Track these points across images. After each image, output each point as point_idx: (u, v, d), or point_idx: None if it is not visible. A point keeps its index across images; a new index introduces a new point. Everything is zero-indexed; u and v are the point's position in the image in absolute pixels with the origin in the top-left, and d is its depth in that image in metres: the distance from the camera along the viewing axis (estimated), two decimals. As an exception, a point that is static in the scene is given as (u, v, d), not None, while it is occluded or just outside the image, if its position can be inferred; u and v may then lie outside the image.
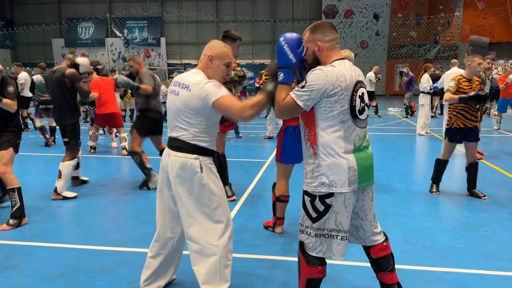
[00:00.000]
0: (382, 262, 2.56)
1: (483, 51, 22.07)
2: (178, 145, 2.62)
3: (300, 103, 2.28)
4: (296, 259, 3.47)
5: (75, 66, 5.29)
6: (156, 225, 2.85)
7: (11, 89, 4.15)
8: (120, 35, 30.36)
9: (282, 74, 2.37)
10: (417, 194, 5.44)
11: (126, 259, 3.51)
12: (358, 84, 2.34)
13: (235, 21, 27.77)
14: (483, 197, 5.19)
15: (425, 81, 10.43)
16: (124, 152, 7.92)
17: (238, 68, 5.03)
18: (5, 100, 4.09)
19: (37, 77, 9.35)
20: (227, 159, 5.07)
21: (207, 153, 2.63)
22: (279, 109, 2.39)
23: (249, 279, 3.17)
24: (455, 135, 5.20)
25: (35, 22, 29.37)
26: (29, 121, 11.41)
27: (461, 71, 8.98)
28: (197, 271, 2.65)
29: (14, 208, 4.21)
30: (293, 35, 2.37)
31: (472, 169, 5.28)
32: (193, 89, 2.55)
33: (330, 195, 2.31)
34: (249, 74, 11.73)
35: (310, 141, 2.36)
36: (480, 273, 3.28)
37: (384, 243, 2.56)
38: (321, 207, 2.34)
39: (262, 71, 11.82)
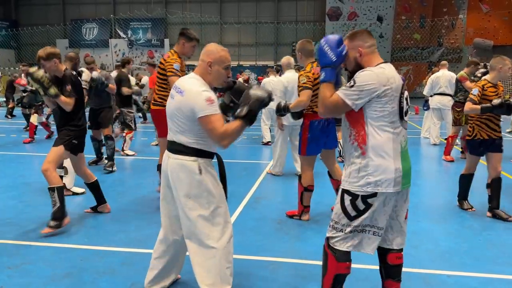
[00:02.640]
0: (395, 270, 2.58)
1: (487, 54, 22.03)
2: (176, 148, 2.62)
3: (349, 102, 2.31)
4: (299, 260, 3.49)
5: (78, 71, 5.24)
6: (160, 227, 2.86)
7: (68, 87, 4.09)
8: (124, 36, 30.46)
9: (323, 73, 2.43)
10: (420, 197, 5.42)
11: (130, 260, 3.52)
12: (404, 86, 2.41)
13: (239, 23, 27.79)
14: (509, 219, 4.48)
15: (429, 85, 10.36)
16: None
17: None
18: (62, 98, 4.05)
19: None
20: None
21: (205, 155, 2.61)
22: (325, 106, 2.41)
23: (251, 280, 3.17)
24: (477, 147, 4.60)
25: (39, 23, 29.51)
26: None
27: (451, 74, 8.91)
28: (197, 272, 2.65)
29: (55, 209, 4.01)
30: (334, 35, 2.44)
31: (495, 185, 4.57)
32: (186, 96, 2.53)
33: (374, 195, 2.34)
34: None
35: (358, 141, 2.37)
36: (484, 276, 3.27)
37: (401, 252, 2.58)
38: (361, 206, 2.37)
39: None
